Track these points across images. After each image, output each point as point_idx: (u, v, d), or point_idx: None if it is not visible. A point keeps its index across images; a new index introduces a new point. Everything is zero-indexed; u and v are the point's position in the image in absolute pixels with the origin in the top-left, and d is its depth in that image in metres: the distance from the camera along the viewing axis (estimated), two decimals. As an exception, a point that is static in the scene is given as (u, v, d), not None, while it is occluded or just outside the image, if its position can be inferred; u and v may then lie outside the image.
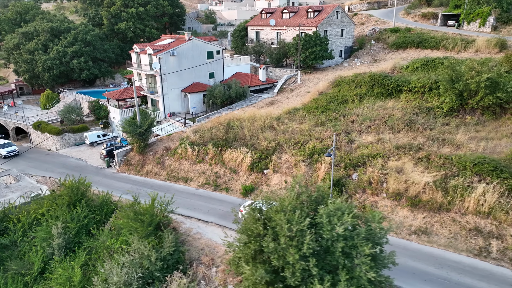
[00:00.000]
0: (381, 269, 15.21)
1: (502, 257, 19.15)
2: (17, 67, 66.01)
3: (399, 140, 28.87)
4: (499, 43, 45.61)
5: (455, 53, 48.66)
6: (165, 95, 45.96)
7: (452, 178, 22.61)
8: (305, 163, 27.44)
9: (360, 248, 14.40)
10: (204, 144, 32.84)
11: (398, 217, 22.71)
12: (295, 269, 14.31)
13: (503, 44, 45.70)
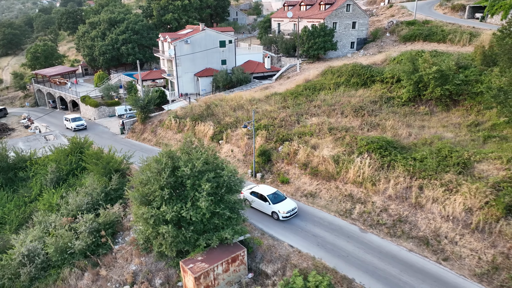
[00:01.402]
0: (226, 208, 20.29)
1: (359, 218, 22.74)
2: (82, 52, 79.35)
3: (340, 123, 32.36)
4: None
5: (460, 47, 48.32)
6: (179, 77, 53.47)
7: (349, 154, 26.14)
8: (248, 136, 32.51)
9: (202, 186, 19.70)
10: (185, 118, 39.46)
11: (300, 182, 27.01)
12: (155, 196, 20.13)
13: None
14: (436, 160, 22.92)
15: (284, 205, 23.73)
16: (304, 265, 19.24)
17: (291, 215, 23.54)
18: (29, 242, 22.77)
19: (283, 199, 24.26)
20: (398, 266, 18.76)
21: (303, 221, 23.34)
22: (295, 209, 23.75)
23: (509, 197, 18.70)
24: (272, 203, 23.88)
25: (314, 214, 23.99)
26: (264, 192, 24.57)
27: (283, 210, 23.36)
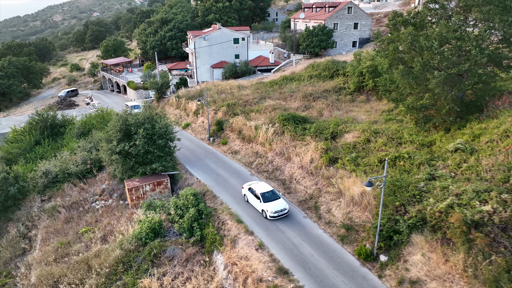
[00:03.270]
0: (157, 148, 30.56)
1: (254, 167, 31.38)
2: (138, 46, 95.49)
3: (285, 105, 40.48)
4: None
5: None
6: (198, 68, 64.95)
7: (267, 124, 34.51)
8: (214, 111, 42.25)
9: (139, 131, 30.13)
10: (183, 98, 50.51)
11: (233, 143, 36.17)
12: (114, 137, 31.04)
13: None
14: (315, 129, 30.47)
15: (274, 204, 23.83)
16: (196, 187, 28.77)
17: (279, 215, 23.63)
18: (47, 165, 35.55)
19: (276, 199, 24.39)
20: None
21: (219, 166, 32.65)
22: (285, 210, 23.79)
23: (332, 153, 26.13)
24: (263, 202, 24.11)
25: (229, 164, 33.14)
26: (258, 190, 24.90)
27: (271, 209, 23.51)
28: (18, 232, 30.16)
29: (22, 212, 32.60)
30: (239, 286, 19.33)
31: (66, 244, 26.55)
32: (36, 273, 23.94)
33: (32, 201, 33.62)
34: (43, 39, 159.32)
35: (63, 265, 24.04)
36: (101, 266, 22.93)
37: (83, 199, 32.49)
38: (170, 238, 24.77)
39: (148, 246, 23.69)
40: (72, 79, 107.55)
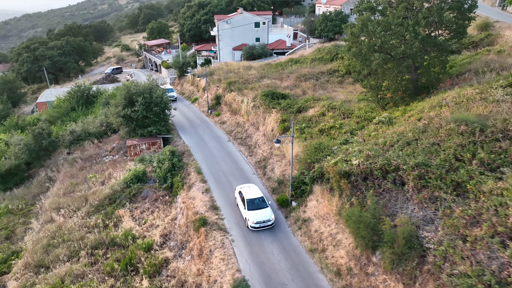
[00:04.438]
0: (153, 114, 36.76)
1: (233, 135, 36.41)
2: (178, 28, 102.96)
3: (279, 84, 44.64)
4: (483, 24, 47.78)
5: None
6: (221, 50, 70.40)
7: (253, 99, 39.11)
8: (218, 88, 47.55)
9: (139, 99, 36.44)
10: (197, 76, 56.43)
11: (224, 116, 41.37)
12: (120, 104, 37.71)
13: (487, 25, 47.57)
14: (286, 104, 34.63)
15: (257, 214, 21.79)
16: (180, 148, 34.60)
17: (261, 226, 21.63)
18: (74, 126, 43.41)
19: (262, 207, 22.28)
20: (229, 155, 32.45)
21: (205, 133, 38.14)
22: (269, 221, 21.67)
23: (286, 123, 30.40)
24: (247, 209, 22.24)
25: (215, 131, 38.52)
26: (246, 195, 23.11)
27: (253, 219, 21.59)
28: (46, 175, 38.22)
29: (51, 161, 40.77)
30: (183, 217, 24.88)
31: (75, 184, 33.81)
32: (48, 201, 31.42)
33: (60, 153, 41.71)
34: (102, 21, 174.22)
35: (68, 197, 31.24)
36: (94, 200, 29.68)
37: (97, 153, 39.79)
38: (149, 184, 30.90)
39: (130, 188, 29.99)
40: (120, 58, 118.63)
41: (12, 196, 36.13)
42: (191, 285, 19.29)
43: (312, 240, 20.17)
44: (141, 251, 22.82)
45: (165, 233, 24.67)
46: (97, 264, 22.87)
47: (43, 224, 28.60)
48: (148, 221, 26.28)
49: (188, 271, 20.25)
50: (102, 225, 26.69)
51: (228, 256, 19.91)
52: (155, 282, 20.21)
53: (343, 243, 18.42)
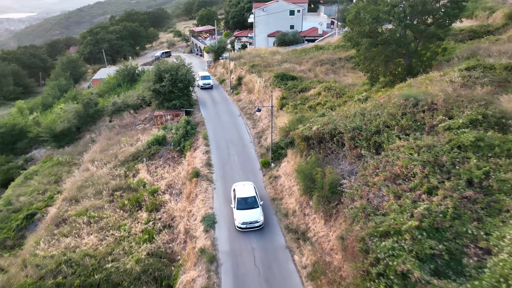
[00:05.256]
0: (177, 89, 42.48)
1: (244, 110, 40.93)
2: (223, 15, 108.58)
3: (296, 68, 48.20)
4: (507, 13, 47.19)
5: (480, 22, 52.12)
6: (256, 36, 74.68)
7: (265, 79, 43.20)
8: (242, 69, 52.13)
9: (166, 76, 42.27)
10: (223, 58, 61.39)
11: (242, 95, 45.97)
12: (152, 80, 43.82)
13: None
14: (291, 84, 38.37)
15: (245, 214, 21.12)
16: (197, 119, 39.96)
17: (248, 227, 20.88)
18: (115, 99, 50.60)
19: (252, 207, 21.55)
20: (235, 127, 37.15)
21: (222, 109, 43.08)
22: (257, 222, 20.84)
23: (284, 100, 34.25)
24: (236, 208, 21.67)
25: (230, 107, 43.31)
26: (238, 193, 22.53)
27: (240, 219, 20.97)
28: (90, 137, 45.72)
29: (95, 126, 48.33)
30: (184, 172, 30.14)
31: (110, 145, 40.56)
32: (87, 156, 38.47)
33: (103, 121, 49.17)
34: (159, 9, 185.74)
35: (102, 154, 37.98)
36: (121, 157, 36.01)
37: (132, 122, 46.51)
38: (166, 146, 36.60)
39: (150, 148, 35.90)
40: (172, 43, 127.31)
41: (63, 152, 43.98)
42: (176, 217, 24.46)
43: (276, 191, 24.32)
44: (147, 194, 28.46)
45: (169, 184, 30.09)
46: (114, 201, 28.91)
47: (80, 172, 35.50)
48: (159, 174, 31.90)
49: (177, 208, 25.46)
50: (124, 175, 32.81)
51: (207, 199, 24.76)
52: (152, 215, 25.67)
53: (295, 193, 22.38)
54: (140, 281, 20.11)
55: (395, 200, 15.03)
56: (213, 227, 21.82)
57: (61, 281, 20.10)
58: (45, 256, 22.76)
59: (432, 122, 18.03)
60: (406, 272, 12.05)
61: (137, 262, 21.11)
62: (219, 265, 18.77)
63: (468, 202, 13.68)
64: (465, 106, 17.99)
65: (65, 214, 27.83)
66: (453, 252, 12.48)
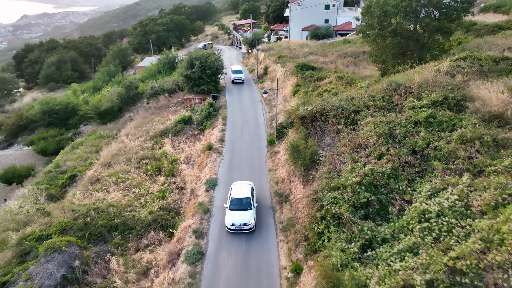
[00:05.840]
0: (206, 75, 46.69)
1: (265, 97, 44.17)
2: (264, 9, 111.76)
3: (319, 60, 50.48)
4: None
5: (514, 18, 51.17)
6: (291, 29, 77.23)
7: (289, 70, 46.01)
8: (269, 60, 55.23)
9: (196, 63, 46.55)
10: (260, 51, 64.74)
11: (266, 83, 49.16)
12: (183, 67, 48.32)
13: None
14: (309, 74, 40.97)
15: (236, 215, 20.48)
16: (221, 103, 43.84)
17: (237, 230, 20.30)
18: (153, 83, 55.88)
19: (245, 209, 20.83)
20: (253, 111, 40.54)
21: (245, 95, 46.60)
22: (247, 225, 20.18)
23: (298, 87, 37.00)
24: (228, 208, 21.16)
25: (253, 94, 46.71)
26: (233, 193, 22.05)
27: (229, 220, 20.42)
28: (129, 117, 51.30)
29: (134, 107, 53.93)
30: (201, 146, 34.11)
31: (145, 123, 45.63)
32: (123, 131, 43.80)
33: (141, 103, 54.67)
34: (207, 3, 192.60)
35: (137, 129, 43.06)
36: (152, 132, 40.78)
37: (166, 104, 51.46)
38: (190, 125, 40.85)
39: (177, 126, 40.32)
40: (215, 36, 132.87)
41: (105, 128, 49.91)
42: (187, 181, 28.43)
43: (273, 164, 27.45)
44: (167, 163, 32.75)
45: (188, 156, 34.18)
46: (139, 168, 33.53)
47: (116, 143, 40.75)
48: (180, 148, 36.14)
49: (189, 174, 29.43)
50: (151, 147, 37.46)
51: (214, 167, 28.46)
52: (168, 179, 29.87)
53: (288, 165, 25.37)
54: (149, 227, 24.22)
55: (352, 164, 17.67)
56: (213, 188, 25.48)
57: (89, 221, 24.72)
58: (79, 204, 27.67)
59: (402, 103, 20.23)
60: (339, 215, 14.84)
61: (150, 213, 25.28)
62: (211, 216, 22.38)
63: (407, 166, 16.07)
64: (433, 90, 19.99)
65: (99, 175, 32.86)
66: (383, 202, 15.04)
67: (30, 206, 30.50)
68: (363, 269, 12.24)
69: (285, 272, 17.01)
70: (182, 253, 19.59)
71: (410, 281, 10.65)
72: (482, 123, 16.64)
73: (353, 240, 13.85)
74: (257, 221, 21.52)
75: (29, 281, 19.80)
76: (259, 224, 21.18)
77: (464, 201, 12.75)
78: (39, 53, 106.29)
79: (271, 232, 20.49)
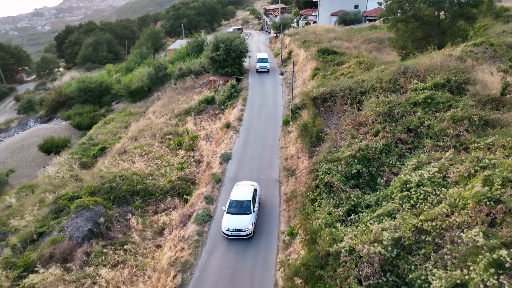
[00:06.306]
0: (230, 58, 48.29)
1: (285, 79, 45.31)
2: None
3: (343, 44, 50.71)
4: None
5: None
6: (320, 15, 76.98)
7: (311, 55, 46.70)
8: (294, 44, 55.94)
9: (221, 46, 48.21)
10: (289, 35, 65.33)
11: (289, 67, 50.16)
12: (209, 49, 50.08)
13: None
14: (330, 58, 41.63)
15: (232, 219, 19.09)
16: (243, 85, 45.41)
17: (233, 235, 18.87)
18: (181, 65, 58.11)
19: (243, 213, 19.38)
20: (273, 93, 41.91)
21: (268, 78, 47.87)
22: (243, 231, 18.69)
23: (317, 71, 37.85)
24: (226, 211, 19.83)
25: (275, 77, 47.88)
26: (233, 195, 20.70)
27: (224, 224, 19.09)
28: (157, 96, 54.01)
29: (162, 87, 56.58)
30: (220, 124, 36.01)
31: (171, 102, 48.07)
32: (150, 109, 46.47)
33: (169, 83, 57.20)
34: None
35: (163, 108, 45.55)
36: (177, 111, 43.10)
37: (192, 85, 53.66)
38: (213, 105, 42.79)
39: (200, 106, 42.40)
40: (246, 20, 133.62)
41: (135, 106, 52.92)
42: (205, 156, 30.47)
43: (285, 142, 28.90)
44: (188, 138, 34.93)
45: (208, 133, 36.22)
46: (163, 142, 35.95)
47: (144, 120, 43.45)
48: (202, 126, 38.23)
49: (207, 149, 31.46)
50: (175, 124, 39.79)
51: (230, 143, 30.29)
52: (188, 153, 32.05)
53: (297, 143, 26.74)
54: (167, 194, 26.50)
55: (350, 140, 18.86)
56: (227, 161, 27.35)
57: (114, 186, 27.34)
58: (107, 172, 30.40)
59: (407, 86, 21.00)
60: (331, 183, 16.21)
61: (169, 182, 27.56)
62: (222, 185, 24.30)
63: (401, 143, 17.10)
64: (439, 74, 20.60)
65: (126, 147, 35.58)
66: (373, 174, 16.25)
67: (65, 172, 33.71)
68: (343, 228, 13.65)
69: (283, 236, 18.65)
70: (193, 215, 21.66)
71: (379, 238, 11.99)
72: (478, 105, 17.28)
73: (341, 205, 15.23)
74: (264, 194, 23.15)
75: (61, 232, 22.61)
76: (265, 198, 22.82)
77: (443, 173, 13.76)
78: (78, 35, 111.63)
79: (275, 202, 22.11)
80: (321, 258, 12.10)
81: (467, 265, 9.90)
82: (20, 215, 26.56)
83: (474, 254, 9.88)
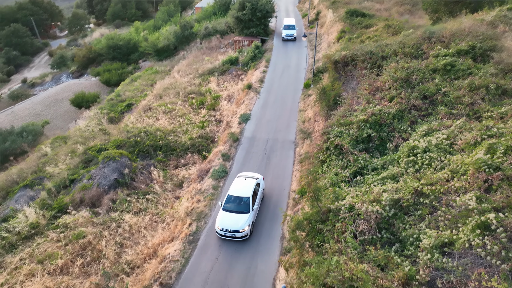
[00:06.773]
0: (256, 17, 47.60)
1: (311, 41, 44.51)
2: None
3: (380, 7, 48.66)
4: None
5: None
6: None
7: (338, 16, 45.30)
8: (323, 4, 54.13)
9: (247, 5, 47.41)
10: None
11: (315, 29, 48.98)
12: (235, 9, 49.43)
13: None
14: (358, 20, 40.34)
15: (227, 218, 17.13)
16: (267, 46, 45.05)
17: (227, 236, 17.01)
18: (207, 24, 57.77)
19: (241, 212, 17.40)
20: (297, 55, 41.49)
21: (293, 46, 47.13)
22: (238, 233, 16.79)
23: (343, 33, 36.95)
24: (222, 208, 17.91)
25: (301, 39, 47.05)
26: (231, 189, 18.53)
27: (218, 223, 17.19)
28: (183, 55, 54.51)
29: (188, 46, 56.86)
30: (243, 84, 36.42)
31: (196, 62, 48.52)
32: (175, 67, 47.24)
33: (195, 43, 57.35)
34: None
35: (187, 67, 46.21)
36: (201, 70, 43.65)
37: (217, 45, 53.65)
38: (236, 66, 43.00)
39: (224, 66, 42.71)
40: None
41: (161, 64, 53.81)
42: (225, 114, 31.31)
43: (304, 105, 29.18)
44: (210, 98, 35.72)
45: (229, 94, 36.81)
46: (186, 101, 36.95)
47: (168, 78, 44.42)
48: (224, 86, 38.78)
49: (228, 109, 32.23)
50: (198, 84, 40.53)
51: (250, 104, 30.86)
52: (209, 113, 32.98)
53: (316, 106, 26.98)
54: (188, 150, 27.79)
55: (365, 105, 19.02)
56: (245, 122, 28.10)
57: (139, 140, 28.86)
58: (133, 127, 31.94)
59: (429, 52, 20.55)
60: (340, 146, 16.71)
61: (190, 139, 28.77)
62: (239, 144, 25.24)
63: (415, 109, 17.16)
64: (464, 40, 19.97)
65: (151, 105, 36.89)
66: (384, 139, 16.58)
67: (94, 126, 35.61)
68: (346, 188, 14.32)
69: (293, 194, 19.58)
70: (210, 171, 22.87)
71: (379, 198, 12.60)
72: (500, 73, 16.88)
73: (348, 167, 15.80)
74: (279, 151, 23.89)
75: (90, 180, 24.53)
76: (280, 155, 23.57)
77: (451, 141, 13.94)
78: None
79: (289, 162, 22.89)
80: (322, 214, 12.92)
81: (458, 226, 10.43)
82: (54, 163, 28.74)
83: (465, 216, 10.36)
